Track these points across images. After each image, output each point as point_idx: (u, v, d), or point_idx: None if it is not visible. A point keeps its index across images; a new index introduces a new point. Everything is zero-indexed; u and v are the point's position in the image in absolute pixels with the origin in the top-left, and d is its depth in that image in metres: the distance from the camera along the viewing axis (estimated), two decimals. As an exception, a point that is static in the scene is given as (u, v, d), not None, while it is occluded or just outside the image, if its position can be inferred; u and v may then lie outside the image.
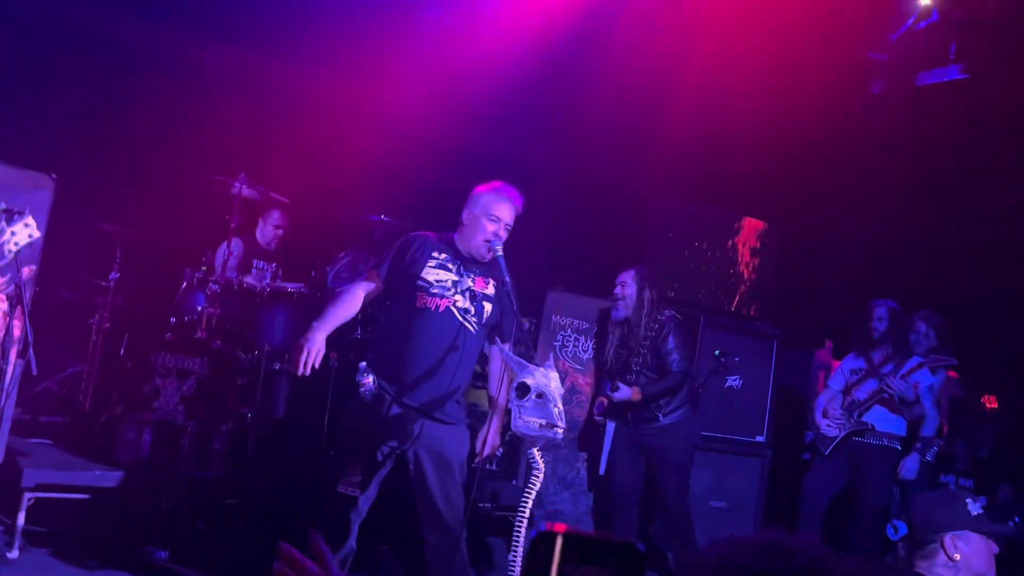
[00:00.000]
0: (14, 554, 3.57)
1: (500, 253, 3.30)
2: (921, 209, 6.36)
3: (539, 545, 0.74)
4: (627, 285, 4.53)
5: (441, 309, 3.27)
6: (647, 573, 0.79)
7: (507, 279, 3.28)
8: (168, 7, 5.37)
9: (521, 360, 3.08)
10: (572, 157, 6.85)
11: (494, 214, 3.31)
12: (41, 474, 3.64)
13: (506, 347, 3.39)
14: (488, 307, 3.35)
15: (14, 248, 3.44)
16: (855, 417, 5.26)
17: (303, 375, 3.19)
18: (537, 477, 2.91)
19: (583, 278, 5.89)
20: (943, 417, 5.44)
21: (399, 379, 3.24)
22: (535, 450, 2.95)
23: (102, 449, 4.03)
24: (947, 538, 2.35)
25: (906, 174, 6.28)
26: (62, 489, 3.71)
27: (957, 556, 2.34)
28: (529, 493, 2.94)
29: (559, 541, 0.75)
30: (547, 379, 2.96)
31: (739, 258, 6.22)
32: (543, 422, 2.89)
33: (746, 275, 6.14)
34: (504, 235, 3.34)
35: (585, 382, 5.32)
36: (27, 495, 3.60)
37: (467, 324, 3.30)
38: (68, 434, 4.32)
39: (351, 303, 3.34)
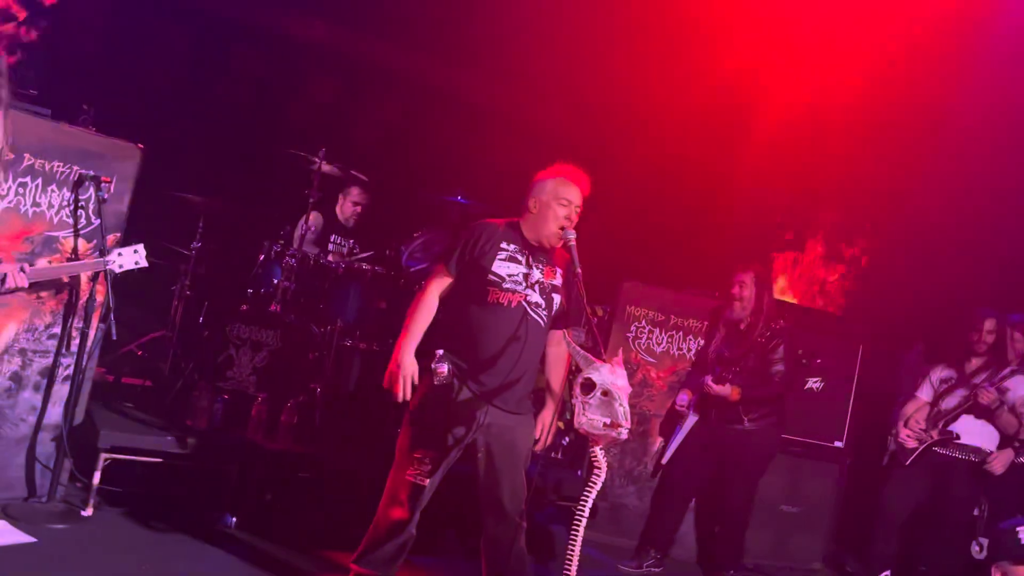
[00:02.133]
0: (88, 512, 3.69)
1: (573, 240, 3.21)
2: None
3: None
4: (745, 286, 4.39)
5: (514, 304, 3.20)
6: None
7: (578, 269, 3.18)
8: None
9: (587, 355, 2.99)
10: (651, 144, 6.66)
11: (564, 198, 3.21)
12: (117, 436, 3.75)
13: (571, 337, 3.30)
14: (557, 299, 3.28)
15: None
16: (940, 427, 4.99)
17: (405, 399, 3.17)
18: (598, 476, 2.84)
19: (660, 270, 5.75)
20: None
21: (469, 367, 3.20)
22: (598, 448, 2.88)
23: (177, 415, 4.13)
24: (993, 568, 2.18)
25: (1008, 179, 5.89)
26: (136, 452, 3.81)
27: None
28: (589, 492, 2.87)
29: None
30: (614, 377, 2.86)
31: (826, 255, 5.95)
32: (608, 421, 2.80)
33: (832, 274, 5.87)
34: (576, 218, 3.24)
35: (657, 376, 5.20)
36: (103, 456, 3.71)
37: (537, 318, 3.23)
38: (146, 397, 4.44)
39: (427, 309, 3.29)
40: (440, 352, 3.25)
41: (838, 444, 5.72)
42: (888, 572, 5.16)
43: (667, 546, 4.70)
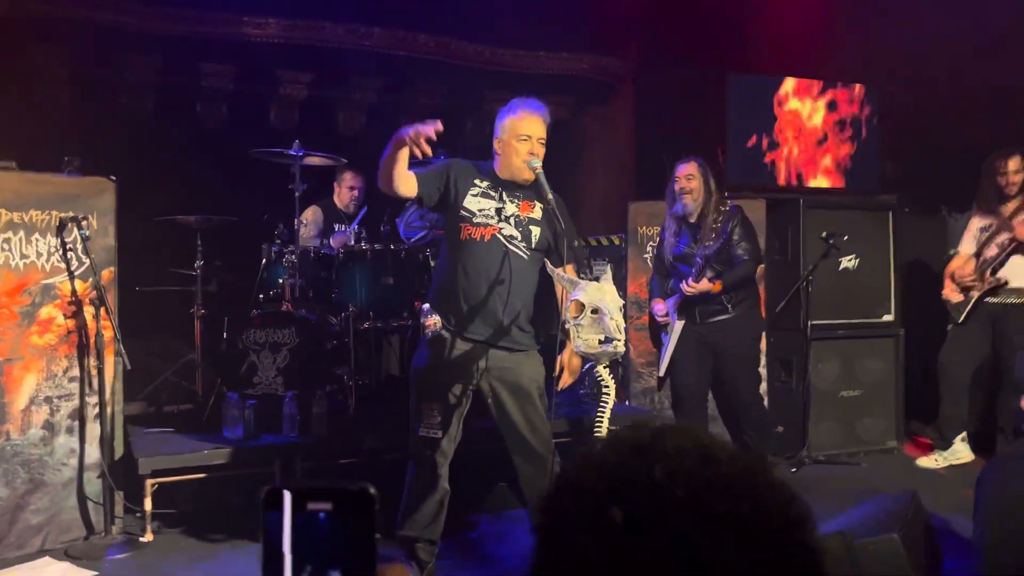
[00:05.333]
0: (147, 538, 3.80)
1: (539, 171, 3.14)
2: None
3: (269, 502, 0.64)
4: (693, 178, 4.25)
5: (487, 238, 3.17)
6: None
7: (550, 196, 3.11)
8: None
9: (572, 278, 2.94)
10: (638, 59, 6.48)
11: (522, 133, 3.15)
12: (155, 460, 3.84)
13: (560, 268, 3.23)
14: (536, 231, 3.22)
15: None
16: (989, 275, 4.77)
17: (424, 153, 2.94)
18: (608, 394, 2.79)
19: (664, 181, 5.59)
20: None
21: (456, 314, 3.18)
22: (600, 367, 2.82)
23: (214, 429, 4.20)
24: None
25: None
26: (179, 472, 3.90)
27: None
28: (603, 411, 2.82)
29: (287, 495, 0.66)
30: (600, 293, 2.80)
31: (834, 129, 5.70)
32: (601, 337, 2.74)
33: (846, 147, 5.63)
34: (540, 150, 3.17)
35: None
36: (148, 482, 3.81)
37: (516, 250, 3.18)
38: (186, 420, 4.54)
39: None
40: (425, 306, 3.23)
41: (887, 318, 5.54)
42: (964, 434, 5.00)
43: None
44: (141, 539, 3.79)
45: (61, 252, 3.78)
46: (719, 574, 0.60)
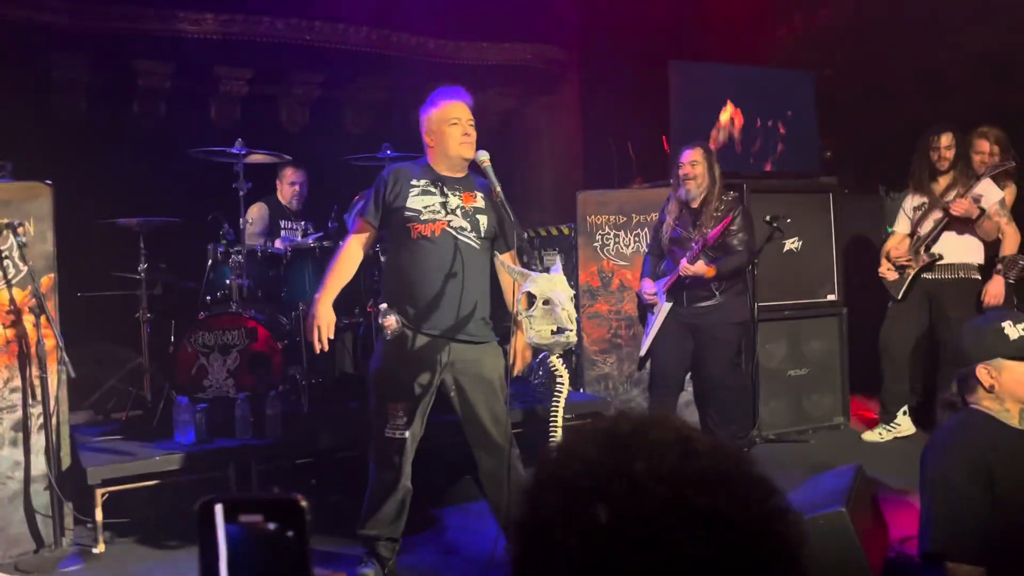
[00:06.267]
0: (99, 548, 3.72)
1: (486, 161, 3.16)
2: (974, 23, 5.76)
3: (203, 516, 0.64)
4: (698, 164, 4.30)
5: (437, 233, 3.19)
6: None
7: (498, 187, 3.13)
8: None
9: (522, 270, 2.96)
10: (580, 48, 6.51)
11: (451, 117, 3.18)
12: (104, 470, 3.76)
13: (507, 258, 3.26)
14: (483, 219, 3.25)
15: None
16: (924, 252, 4.92)
17: (323, 349, 3.20)
18: (562, 384, 2.81)
19: (613, 171, 5.66)
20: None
21: (415, 312, 3.19)
22: (553, 358, 2.84)
23: (164, 435, 4.13)
24: (979, 367, 2.12)
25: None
26: (129, 480, 3.82)
27: (993, 384, 2.11)
28: (557, 402, 2.85)
29: (219, 508, 0.64)
30: (551, 283, 2.82)
31: (774, 114, 5.81)
32: (553, 328, 2.77)
33: (785, 131, 5.74)
34: (472, 132, 3.20)
35: (633, 277, 5.14)
36: (98, 492, 3.72)
37: (467, 240, 3.20)
38: (135, 427, 4.44)
39: (348, 262, 3.30)
40: (383, 306, 3.24)
41: (831, 297, 5.67)
42: (906, 407, 5.16)
43: None
44: (93, 550, 3.71)
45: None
46: (701, 569, 0.61)
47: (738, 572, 0.61)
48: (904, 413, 5.15)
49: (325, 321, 3.15)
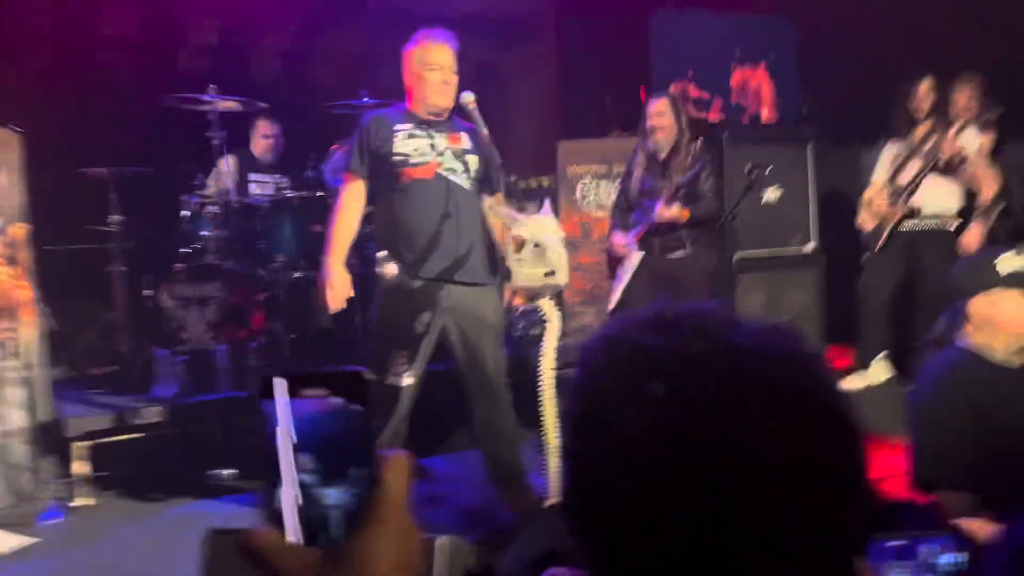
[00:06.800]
0: (80, 502, 3.68)
1: (471, 104, 3.10)
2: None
3: (262, 392, 0.61)
4: (664, 115, 4.24)
5: (430, 176, 3.14)
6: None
7: (484, 130, 3.08)
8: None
9: (512, 213, 2.94)
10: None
11: (431, 63, 3.11)
12: (83, 422, 3.71)
13: (495, 201, 3.22)
14: (473, 159, 3.21)
15: None
16: (901, 202, 4.95)
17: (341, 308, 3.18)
18: (548, 329, 2.80)
19: (592, 121, 5.60)
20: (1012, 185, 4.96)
21: (411, 257, 3.15)
22: (543, 301, 2.83)
23: (144, 389, 4.08)
24: (973, 300, 2.15)
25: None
26: (112, 433, 3.77)
27: (989, 316, 2.13)
28: (545, 346, 2.84)
29: (280, 383, 0.62)
30: (541, 226, 2.80)
31: (755, 64, 5.78)
32: (545, 270, 2.75)
33: (764, 81, 5.72)
34: (453, 78, 3.14)
35: (614, 227, 5.11)
36: (76, 445, 3.67)
37: (458, 181, 3.16)
38: (113, 381, 4.38)
39: (348, 217, 3.24)
40: (380, 254, 3.19)
41: (809, 247, 5.71)
42: (884, 353, 5.23)
43: None
44: (71, 504, 3.66)
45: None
46: (760, 435, 0.61)
47: (796, 439, 0.62)
48: (881, 360, 5.23)
49: (339, 280, 3.11)
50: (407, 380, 3.16)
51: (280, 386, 0.62)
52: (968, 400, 2.12)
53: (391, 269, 3.13)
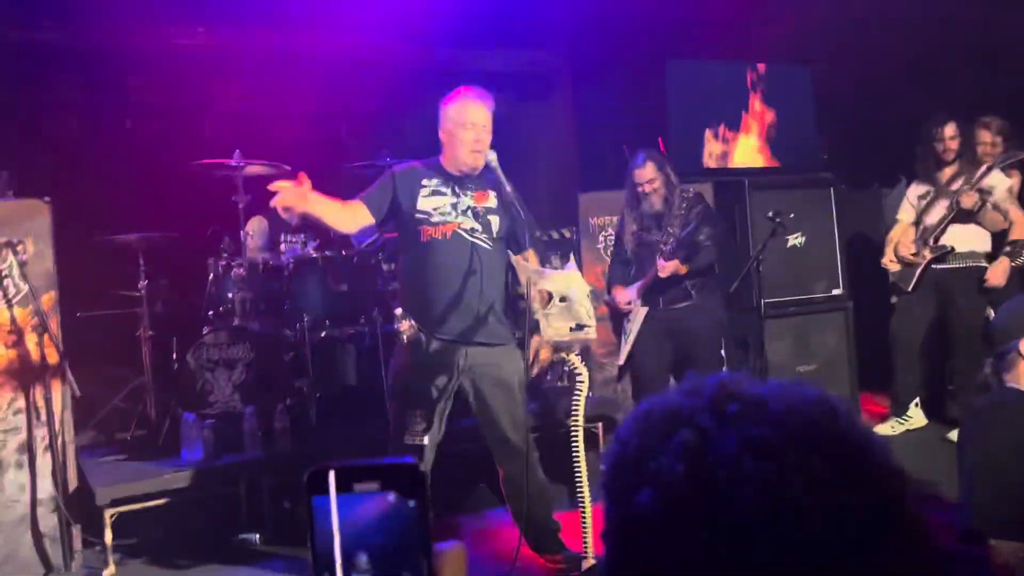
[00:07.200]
0: (109, 571, 3.64)
1: (493, 161, 3.12)
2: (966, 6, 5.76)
3: (312, 486, 0.59)
4: (654, 180, 4.22)
5: (449, 235, 3.14)
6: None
7: (508, 187, 3.09)
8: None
9: (538, 268, 2.94)
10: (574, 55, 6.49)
11: (467, 121, 3.13)
12: (113, 490, 3.68)
13: (525, 257, 3.22)
14: (495, 220, 3.20)
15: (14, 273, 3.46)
16: (931, 243, 4.90)
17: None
18: (582, 382, 2.77)
19: (613, 171, 5.61)
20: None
21: (429, 316, 3.14)
22: (572, 355, 2.81)
23: (171, 453, 4.06)
24: (1021, 343, 2.10)
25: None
26: (137, 499, 3.74)
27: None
28: (577, 401, 2.81)
29: (331, 476, 0.59)
30: (567, 280, 2.79)
31: (773, 111, 5.80)
32: (572, 324, 2.73)
33: (786, 127, 5.73)
34: (486, 138, 3.15)
35: (639, 276, 5.09)
36: (107, 512, 3.65)
37: (479, 242, 3.15)
38: (140, 446, 4.36)
39: (343, 210, 3.16)
40: (398, 311, 3.19)
41: (836, 292, 5.65)
42: (917, 399, 5.12)
43: None
44: (103, 573, 3.63)
45: (-2, 279, 3.60)
46: (802, 492, 0.60)
47: (838, 486, 0.62)
48: (916, 405, 5.12)
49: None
50: (424, 441, 3.13)
51: (331, 479, 0.60)
52: (1021, 443, 2.06)
53: (407, 326, 3.12)
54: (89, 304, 4.76)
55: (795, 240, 5.50)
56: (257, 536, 3.92)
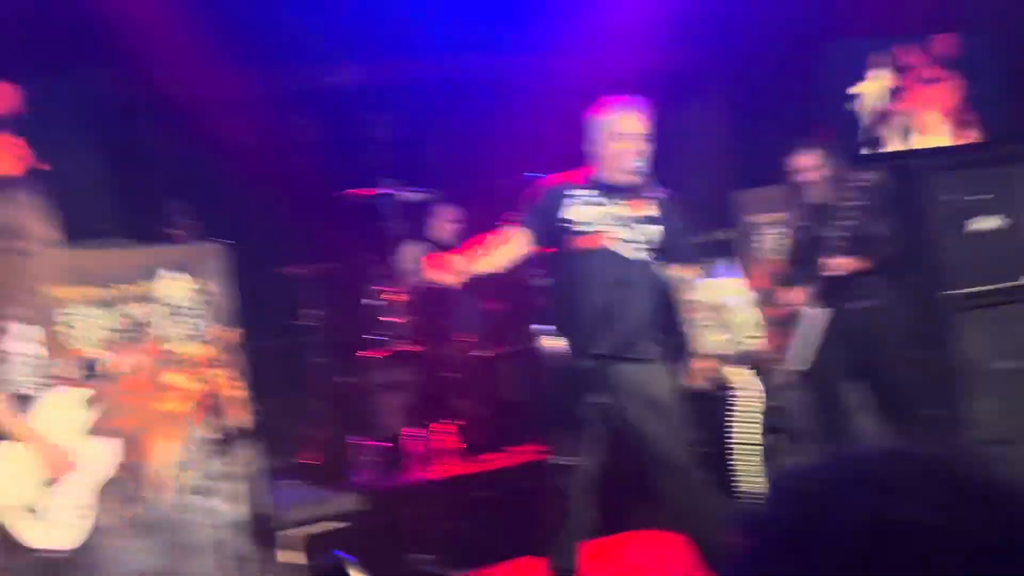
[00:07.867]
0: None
1: (644, 171, 2.99)
2: None
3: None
4: (817, 168, 3.89)
5: (598, 246, 3.04)
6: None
7: (662, 195, 2.95)
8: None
9: (689, 277, 2.80)
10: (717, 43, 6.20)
11: (620, 132, 3.00)
12: (295, 513, 3.85)
13: (675, 267, 3.06)
14: (653, 229, 3.04)
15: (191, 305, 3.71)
16: None
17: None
18: (735, 397, 2.59)
19: (767, 165, 5.30)
20: None
21: (576, 332, 3.05)
22: (728, 368, 2.63)
23: (343, 477, 4.20)
24: None
25: None
26: (312, 522, 3.89)
27: None
28: (730, 415, 2.63)
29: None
30: (720, 289, 2.63)
31: (959, 84, 5.27)
32: (728, 336, 2.56)
33: (978, 101, 5.19)
34: (644, 146, 3.01)
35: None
36: (285, 534, 3.82)
37: (632, 253, 3.03)
38: (316, 469, 4.54)
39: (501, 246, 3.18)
40: (544, 328, 3.13)
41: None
42: None
43: None
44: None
45: (185, 318, 3.87)
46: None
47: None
48: None
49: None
50: (575, 461, 3.03)
51: None
52: None
53: (554, 344, 3.04)
54: (265, 335, 5.03)
55: (991, 223, 4.92)
56: (428, 557, 3.96)
